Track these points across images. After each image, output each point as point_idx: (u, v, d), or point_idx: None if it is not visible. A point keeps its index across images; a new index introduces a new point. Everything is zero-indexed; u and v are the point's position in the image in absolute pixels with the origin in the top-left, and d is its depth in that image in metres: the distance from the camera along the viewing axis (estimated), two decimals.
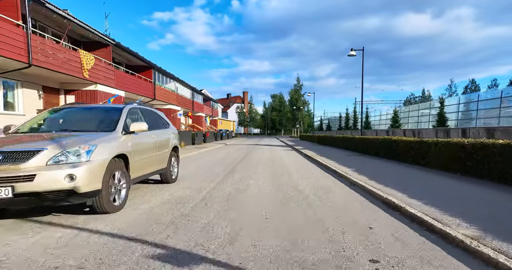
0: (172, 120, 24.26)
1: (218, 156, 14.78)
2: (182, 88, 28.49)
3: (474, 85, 70.74)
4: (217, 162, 11.81)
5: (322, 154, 15.48)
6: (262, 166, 10.49)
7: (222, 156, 14.84)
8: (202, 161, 12.20)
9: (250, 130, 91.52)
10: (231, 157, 14.44)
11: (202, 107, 36.50)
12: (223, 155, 16.02)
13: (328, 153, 15.93)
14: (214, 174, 8.54)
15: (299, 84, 56.66)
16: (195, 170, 9.46)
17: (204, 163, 11.17)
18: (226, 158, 13.60)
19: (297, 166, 10.84)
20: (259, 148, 22.47)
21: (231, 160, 12.79)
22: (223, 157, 14.28)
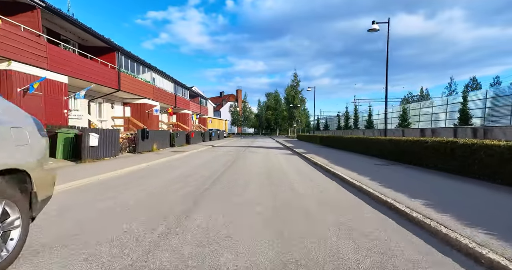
0: (147, 118, 20.07)
1: (191, 167, 10.52)
2: (161, 80, 24.20)
3: (476, 83, 67.97)
4: (181, 180, 7.52)
5: (338, 161, 11.34)
6: (253, 188, 6.31)
7: (197, 166, 10.59)
8: (156, 180, 7.44)
9: (244, 130, 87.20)
10: (210, 167, 10.20)
11: (187, 103, 32.21)
12: (200, 163, 11.76)
13: (344, 160, 11.80)
14: (142, 229, 3.65)
15: (296, 81, 52.69)
16: (112, 213, 4.37)
17: (155, 186, 6.61)
18: (201, 171, 9.35)
19: (316, 190, 6.46)
20: (252, 152, 18.24)
21: (208, 173, 8.56)
22: (198, 168, 10.04)
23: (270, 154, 16.80)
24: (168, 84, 26.24)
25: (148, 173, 8.76)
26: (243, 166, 10.50)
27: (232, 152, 18.14)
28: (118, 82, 16.01)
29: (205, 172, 9.00)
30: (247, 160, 13.12)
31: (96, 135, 10.06)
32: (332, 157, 13.50)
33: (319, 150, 18.93)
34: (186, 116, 32.37)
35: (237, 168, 10.03)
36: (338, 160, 11.71)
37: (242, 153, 17.35)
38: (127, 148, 14.35)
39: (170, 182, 7.19)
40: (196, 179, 7.59)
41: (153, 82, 22.07)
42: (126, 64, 18.00)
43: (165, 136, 19.01)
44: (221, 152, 18.25)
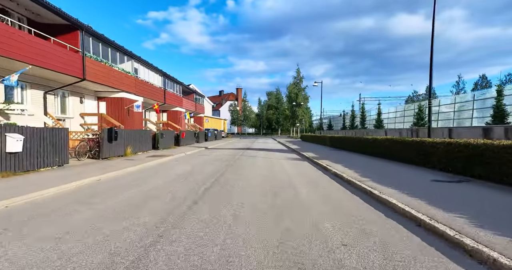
0: (126, 115, 16.79)
1: (158, 183, 7.23)
2: (146, 72, 20.92)
3: (485, 81, 64.48)
4: (126, 216, 4.31)
5: (376, 174, 7.99)
6: (245, 233, 3.10)
7: (168, 182, 7.29)
8: (73, 220, 4.41)
9: (244, 130, 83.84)
10: (184, 185, 6.90)
11: (180, 100, 28.96)
12: (176, 175, 8.47)
13: (387, 173, 8.44)
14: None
15: (299, 77, 49.22)
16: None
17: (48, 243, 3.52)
18: (165, 194, 6.05)
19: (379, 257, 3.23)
20: (250, 157, 14.95)
21: (172, 204, 5.30)
22: (167, 186, 6.75)
23: (272, 159, 13.48)
24: (155, 77, 22.97)
25: (76, 199, 5.45)
26: (233, 184, 7.19)
27: (226, 156, 14.83)
28: (82, 70, 12.76)
29: (174, 195, 5.72)
30: (242, 170, 9.81)
31: (17, 137, 6.79)
32: (359, 165, 10.15)
33: (333, 153, 15.59)
34: (178, 115, 29.10)
35: (226, 183, 6.76)
36: (374, 172, 8.37)
37: (238, 157, 14.04)
38: (88, 152, 11.08)
39: (83, 230, 3.89)
40: (144, 219, 4.28)
41: (135, 73, 18.83)
42: (96, 49, 14.73)
43: (145, 136, 15.70)
44: (213, 156, 14.94)
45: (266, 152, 17.86)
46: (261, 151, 18.68)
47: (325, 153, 15.74)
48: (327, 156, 13.80)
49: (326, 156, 13.79)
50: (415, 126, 27.59)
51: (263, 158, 13.86)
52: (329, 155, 14.76)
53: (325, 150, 18.75)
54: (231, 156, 14.75)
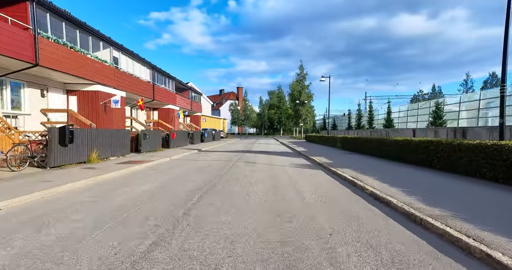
0: (102, 112, 13.95)
1: (81, 225, 4.42)
2: (129, 63, 18.12)
3: (496, 79, 61.32)
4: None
5: (450, 200, 5.13)
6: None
7: (90, 226, 4.48)
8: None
9: (245, 130, 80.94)
10: (118, 233, 4.10)
11: (173, 97, 26.16)
12: (130, 199, 5.66)
13: (470, 197, 5.57)
14: None
15: (303, 74, 46.28)
16: None
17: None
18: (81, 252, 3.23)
19: None
20: (248, 163, 12.12)
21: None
22: (90, 232, 3.95)
23: (275, 166, 10.61)
24: (142, 70, 20.18)
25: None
26: (211, 230, 4.36)
27: (219, 162, 11.99)
28: (34, 53, 10.00)
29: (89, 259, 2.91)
30: (234, 186, 6.96)
31: None
32: (404, 179, 7.25)
33: (350, 158, 12.70)
34: (171, 113, 26.31)
35: (193, 230, 3.98)
36: (450, 197, 5.50)
37: (232, 165, 11.19)
38: (29, 159, 8.27)
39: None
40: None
41: (114, 63, 16.05)
42: (59, 30, 11.97)
43: (121, 137, 12.88)
44: (203, 162, 12.10)
45: (268, 156, 15.00)
46: (262, 154, 15.83)
47: (340, 158, 12.86)
48: (345, 162, 10.92)
49: (343, 162, 10.92)
50: (432, 126, 24.70)
51: (264, 165, 11.01)
52: (347, 160, 11.88)
53: (338, 153, 15.86)
54: (225, 162, 11.90)
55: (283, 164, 11.50)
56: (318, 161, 11.82)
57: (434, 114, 25.27)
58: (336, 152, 16.87)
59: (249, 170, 9.40)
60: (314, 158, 13.10)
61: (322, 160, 11.87)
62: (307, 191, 6.19)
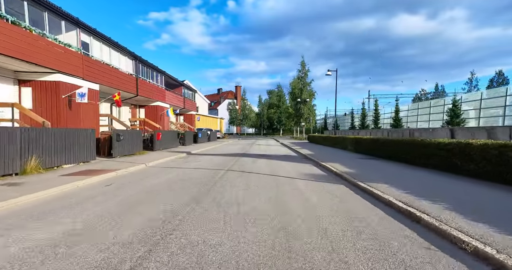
0: (65, 107, 11.09)
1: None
2: (104, 50, 15.25)
3: (502, 77, 58.70)
4: None
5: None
6: None
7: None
8: None
9: (243, 130, 78.07)
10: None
11: (162, 93, 23.36)
12: None
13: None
14: None
15: (305, 70, 43.48)
16: None
17: None
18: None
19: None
20: (244, 173, 9.38)
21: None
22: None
23: (280, 178, 7.84)
24: (122, 60, 17.40)
25: None
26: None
27: (206, 171, 9.23)
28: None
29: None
30: (210, 234, 4.22)
31: None
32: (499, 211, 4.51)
33: (379, 167, 9.94)
34: (159, 111, 23.54)
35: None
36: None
37: (221, 175, 8.43)
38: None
39: None
40: None
41: (83, 49, 13.29)
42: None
43: (82, 139, 10.10)
44: (186, 171, 9.33)
45: (269, 161, 12.25)
46: (262, 159, 13.08)
47: (361, 165, 10.10)
48: (374, 173, 8.17)
49: (371, 173, 8.17)
50: (448, 125, 22.02)
51: (264, 177, 8.26)
52: (372, 169, 9.13)
53: (352, 157, 13.12)
54: (213, 172, 9.14)
55: (289, 174, 8.75)
56: (334, 169, 9.08)
57: (450, 112, 22.62)
58: (348, 155, 14.13)
59: (243, 187, 6.64)
60: (327, 164, 10.35)
61: (339, 168, 9.12)
62: (349, 244, 3.43)
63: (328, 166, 9.98)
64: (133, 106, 22.30)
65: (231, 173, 8.72)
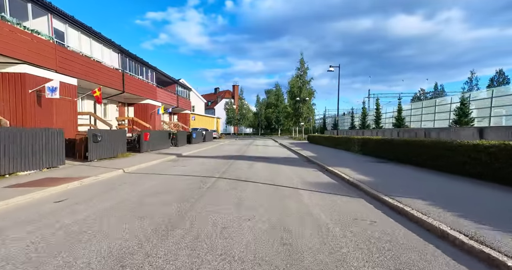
0: (32, 103, 9.20)
1: None
2: (84, 40, 13.67)
3: (502, 76, 57.66)
4: None
5: None
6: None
7: None
8: None
9: (241, 130, 76.50)
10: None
11: (152, 90, 21.79)
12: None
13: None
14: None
15: (304, 68, 42.05)
16: None
17: None
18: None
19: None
20: (238, 182, 7.86)
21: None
22: None
23: (284, 190, 6.32)
24: (106, 53, 15.81)
25: None
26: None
27: (189, 181, 7.70)
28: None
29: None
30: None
31: None
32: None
33: (397, 172, 8.45)
34: (150, 110, 21.99)
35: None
36: None
37: (210, 186, 6.90)
38: None
39: None
40: None
41: (56, 38, 11.72)
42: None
43: (47, 140, 8.54)
44: (166, 178, 7.79)
45: (268, 165, 10.74)
46: (259, 162, 11.57)
47: (379, 171, 8.62)
48: (401, 182, 6.68)
49: (397, 182, 6.68)
50: (456, 125, 20.68)
51: (262, 186, 6.75)
52: (396, 177, 7.64)
53: (361, 161, 11.64)
54: (202, 180, 7.61)
55: (292, 182, 7.25)
56: (345, 176, 7.60)
57: (459, 111, 21.25)
58: (355, 158, 12.66)
59: (235, 204, 5.12)
60: (334, 169, 8.86)
61: (350, 175, 7.64)
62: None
63: (337, 172, 8.49)
64: (121, 104, 20.72)
65: (223, 182, 7.20)
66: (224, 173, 8.80)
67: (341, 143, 18.75)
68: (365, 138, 14.60)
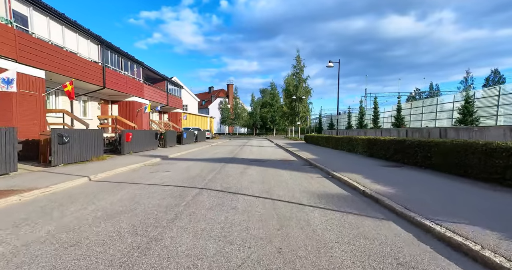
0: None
1: None
2: (53, 27, 11.94)
3: (498, 76, 57.15)
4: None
5: None
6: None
7: None
8: None
9: (235, 130, 74.89)
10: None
11: (139, 87, 20.12)
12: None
13: None
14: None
15: (300, 66, 40.60)
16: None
17: None
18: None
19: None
20: (226, 195, 6.32)
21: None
22: None
23: (280, 204, 4.82)
24: (83, 44, 14.13)
25: None
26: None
27: (163, 195, 6.16)
28: None
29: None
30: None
31: None
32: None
33: (433, 183, 7.02)
34: (136, 108, 20.34)
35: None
36: None
37: (188, 202, 5.38)
38: None
39: None
40: None
41: (16, 23, 10.05)
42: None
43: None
44: (138, 189, 6.25)
45: (263, 170, 9.25)
46: (254, 166, 10.07)
47: (400, 179, 7.18)
48: (439, 195, 5.25)
49: (432, 195, 5.25)
50: (461, 124, 19.50)
51: (257, 201, 5.27)
52: (427, 187, 6.22)
53: (373, 165, 10.23)
54: (182, 193, 6.08)
55: (293, 194, 5.78)
56: (356, 184, 6.15)
57: (463, 110, 20.07)
58: (363, 161, 11.25)
59: (217, 237, 3.63)
60: (342, 176, 7.42)
61: (365, 184, 6.19)
62: None
63: (346, 179, 7.05)
64: (104, 101, 19.04)
65: (206, 196, 5.69)
66: (211, 181, 7.28)
67: (343, 143, 17.36)
68: (371, 138, 13.21)
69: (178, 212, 4.51)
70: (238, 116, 64.06)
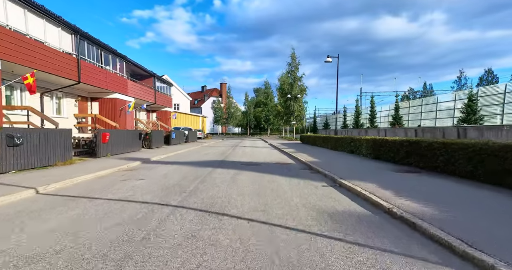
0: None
1: None
2: (10, 9, 10.10)
3: (491, 75, 56.87)
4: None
5: None
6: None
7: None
8: None
9: (229, 130, 73.15)
10: None
11: (122, 83, 18.37)
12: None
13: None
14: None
15: (295, 63, 39.19)
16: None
17: None
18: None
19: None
20: (210, 215, 4.75)
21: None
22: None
23: (279, 238, 3.38)
24: (52, 31, 12.29)
25: None
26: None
27: (121, 219, 4.59)
28: None
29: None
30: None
31: None
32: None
33: (483, 197, 5.64)
34: (119, 106, 18.62)
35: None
36: None
37: (144, 239, 3.84)
38: None
39: None
40: None
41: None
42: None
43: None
44: (78, 217, 4.65)
45: (258, 176, 7.74)
46: (246, 172, 8.56)
47: (430, 190, 5.77)
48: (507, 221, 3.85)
49: (492, 220, 3.85)
50: (464, 123, 18.40)
51: (249, 226, 3.77)
52: (476, 205, 4.82)
53: (384, 170, 8.83)
54: (146, 214, 4.54)
55: (297, 214, 4.31)
56: (377, 199, 4.72)
57: (467, 108, 18.97)
58: (370, 165, 9.85)
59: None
60: (353, 184, 5.98)
61: (389, 199, 4.76)
62: None
63: (360, 190, 5.62)
64: (82, 98, 17.26)
65: (180, 218, 4.16)
66: (190, 194, 5.76)
67: (344, 144, 15.98)
68: (377, 139, 11.83)
69: (127, 254, 2.98)
70: (232, 116, 62.39)
